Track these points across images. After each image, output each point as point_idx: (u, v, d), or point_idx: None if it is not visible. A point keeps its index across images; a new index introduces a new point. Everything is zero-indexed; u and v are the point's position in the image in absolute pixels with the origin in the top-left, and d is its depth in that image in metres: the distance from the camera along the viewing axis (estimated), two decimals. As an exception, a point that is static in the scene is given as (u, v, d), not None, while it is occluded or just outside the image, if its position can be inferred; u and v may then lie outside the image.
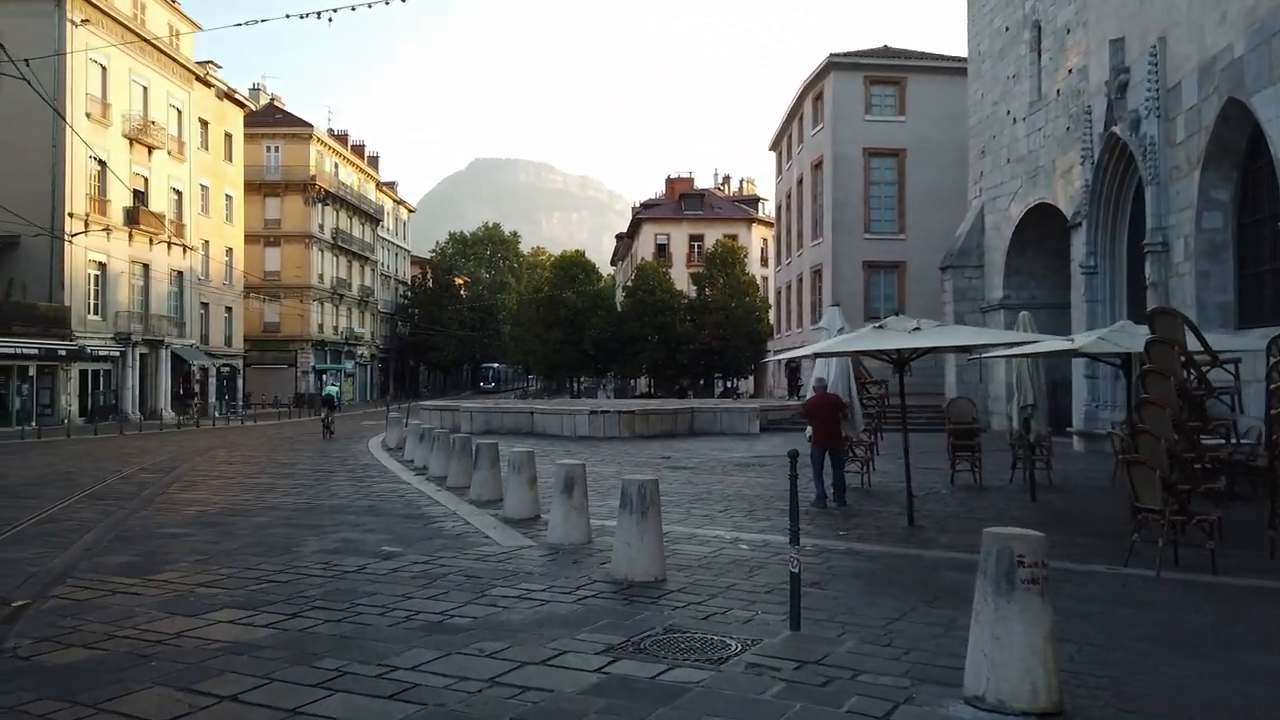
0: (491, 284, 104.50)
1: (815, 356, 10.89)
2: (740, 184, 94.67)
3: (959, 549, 8.14)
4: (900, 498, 12.13)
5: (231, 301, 52.89)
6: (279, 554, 7.73)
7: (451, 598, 6.05)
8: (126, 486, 13.53)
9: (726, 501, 11.44)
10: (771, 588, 6.37)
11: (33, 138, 35.38)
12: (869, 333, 9.04)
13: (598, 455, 19.09)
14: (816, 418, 11.64)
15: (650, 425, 25.02)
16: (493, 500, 10.88)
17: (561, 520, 7.95)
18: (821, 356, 11.52)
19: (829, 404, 11.57)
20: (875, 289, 40.31)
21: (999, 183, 27.48)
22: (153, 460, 18.89)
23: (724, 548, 8.00)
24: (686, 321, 57.66)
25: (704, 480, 14.22)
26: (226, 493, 12.53)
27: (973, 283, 29.08)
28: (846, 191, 39.59)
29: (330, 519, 9.74)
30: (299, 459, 18.90)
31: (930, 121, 39.00)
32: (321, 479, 14.25)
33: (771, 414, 27.73)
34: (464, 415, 26.78)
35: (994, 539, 3.87)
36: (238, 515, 10.15)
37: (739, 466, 17.04)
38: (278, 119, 64.34)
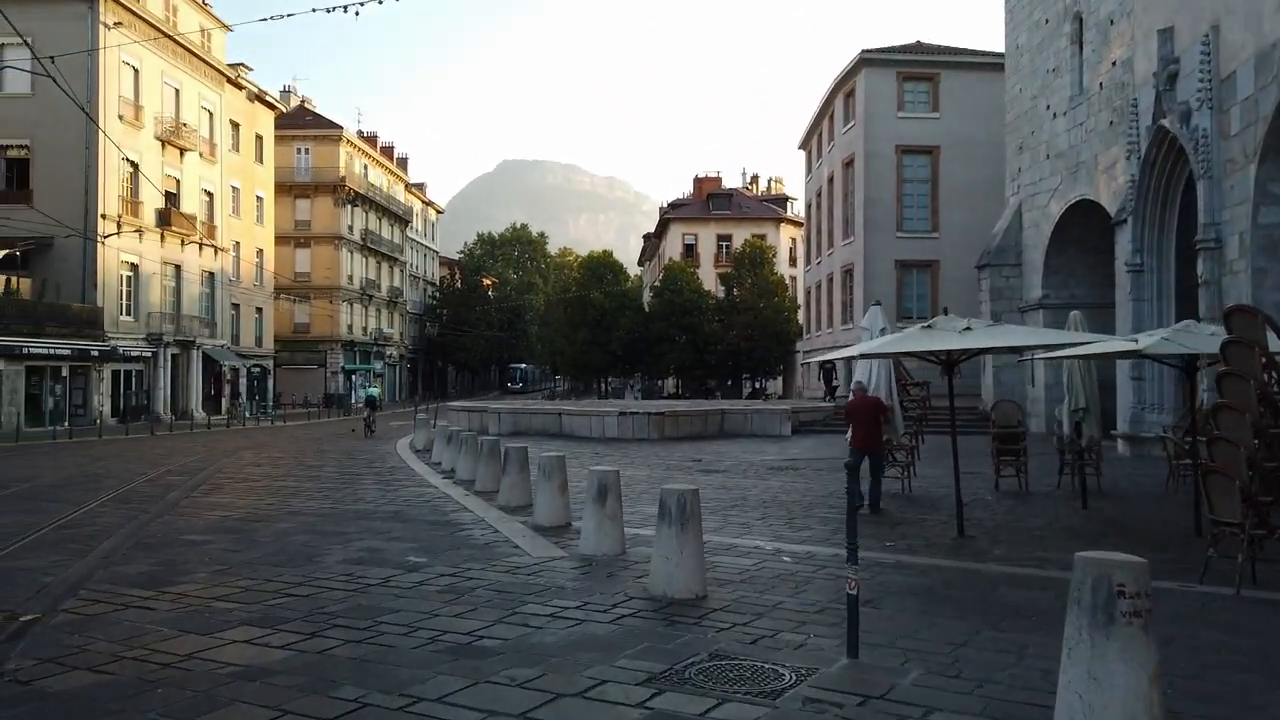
0: (519, 285, 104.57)
1: (861, 358, 10.42)
2: (768, 183, 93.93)
3: (1016, 563, 7.66)
4: (944, 504, 11.66)
5: (262, 302, 53.15)
6: (300, 564, 7.42)
7: (480, 615, 5.69)
8: (152, 489, 13.35)
9: (763, 508, 11.00)
10: (821, 606, 5.94)
11: (66, 140, 35.64)
12: (917, 333, 8.58)
13: (627, 458, 18.72)
14: (856, 420, 11.22)
15: (680, 427, 24.60)
16: (522, 506, 10.53)
17: (594, 530, 7.57)
18: (864, 357, 11.05)
19: (869, 406, 11.13)
20: (908, 288, 39.61)
21: (1038, 179, 26.77)
22: (181, 462, 18.78)
23: (766, 560, 7.57)
24: (714, 322, 57.16)
25: (738, 485, 13.79)
26: (251, 496, 12.29)
27: (1010, 282, 28.38)
28: (879, 189, 38.92)
29: (355, 525, 9.44)
30: (326, 461, 18.70)
31: (965, 118, 38.23)
32: (348, 482, 13.99)
33: (803, 415, 27.19)
34: (492, 417, 26.52)
35: (1090, 565, 3.43)
36: (261, 520, 9.88)
37: (772, 470, 16.59)
38: (308, 121, 64.67)
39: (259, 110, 52.78)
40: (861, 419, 11.15)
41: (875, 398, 11.29)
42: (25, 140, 36.84)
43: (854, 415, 11.28)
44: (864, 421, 11.10)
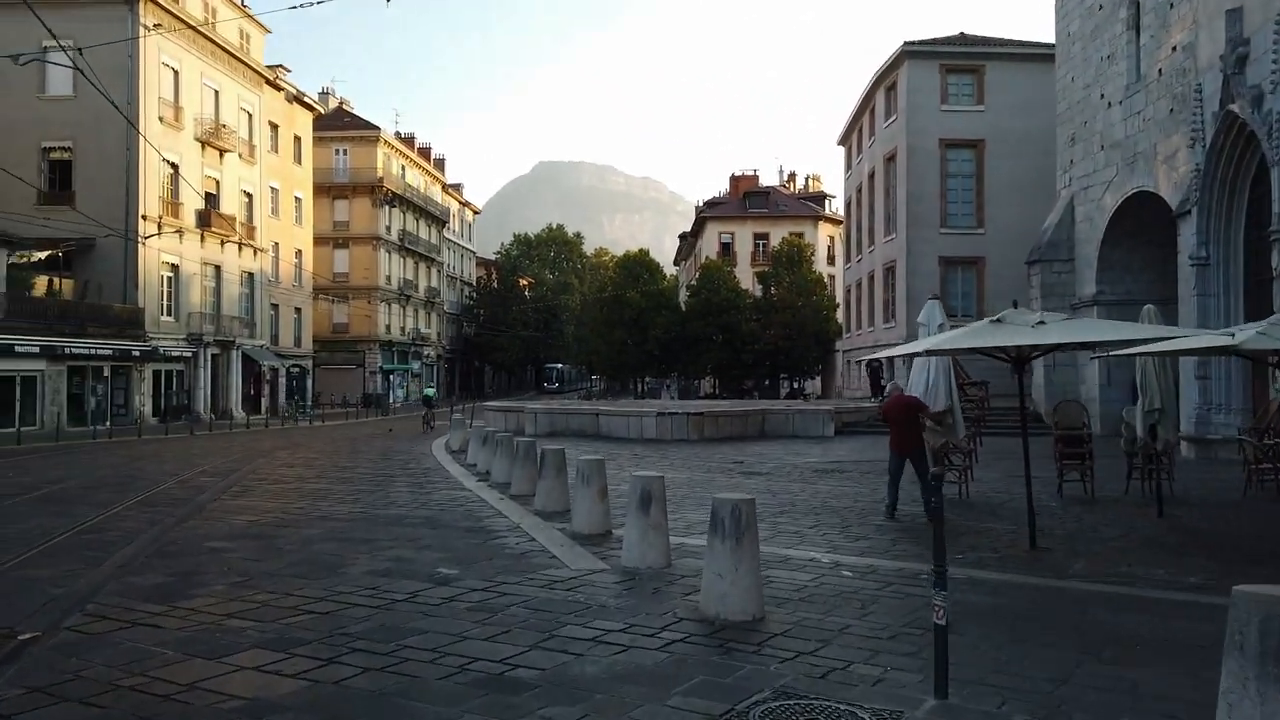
0: (555, 285, 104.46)
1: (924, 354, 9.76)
2: (806, 181, 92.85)
3: (1101, 579, 6.97)
4: (1006, 511, 10.96)
5: (301, 302, 53.40)
6: (324, 575, 6.95)
7: (514, 639, 5.15)
8: (182, 491, 13.04)
9: (814, 515, 10.37)
10: (893, 631, 5.32)
11: (108, 142, 35.90)
12: (985, 327, 7.91)
13: (666, 460, 18.17)
14: (891, 421, 10.66)
15: (719, 428, 23.98)
16: (559, 512, 10.02)
17: (638, 540, 7.00)
18: (919, 355, 10.38)
19: (904, 406, 10.54)
20: (952, 286, 38.57)
21: (1091, 171, 25.75)
22: (215, 463, 18.56)
23: (824, 575, 6.96)
24: (752, 321, 56.39)
25: (784, 489, 13.16)
26: (281, 500, 11.92)
27: (1062, 278, 27.36)
28: (921, 184, 37.95)
29: (384, 532, 8.97)
30: (360, 462, 18.36)
31: (1011, 110, 37.17)
32: (381, 484, 13.59)
33: (846, 416, 26.42)
34: (528, 417, 26.09)
35: (1254, 603, 2.80)
36: (288, 526, 9.47)
37: (818, 473, 15.93)
38: (346, 122, 64.98)
39: (297, 111, 53.04)
40: (894, 419, 10.58)
41: (911, 397, 10.66)
42: (68, 142, 37.21)
43: (889, 416, 10.73)
44: (898, 421, 10.53)
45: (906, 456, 10.59)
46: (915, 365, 10.93)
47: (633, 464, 17.16)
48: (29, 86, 36.93)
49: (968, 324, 11.26)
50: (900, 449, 10.58)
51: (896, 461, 10.69)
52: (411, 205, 68.16)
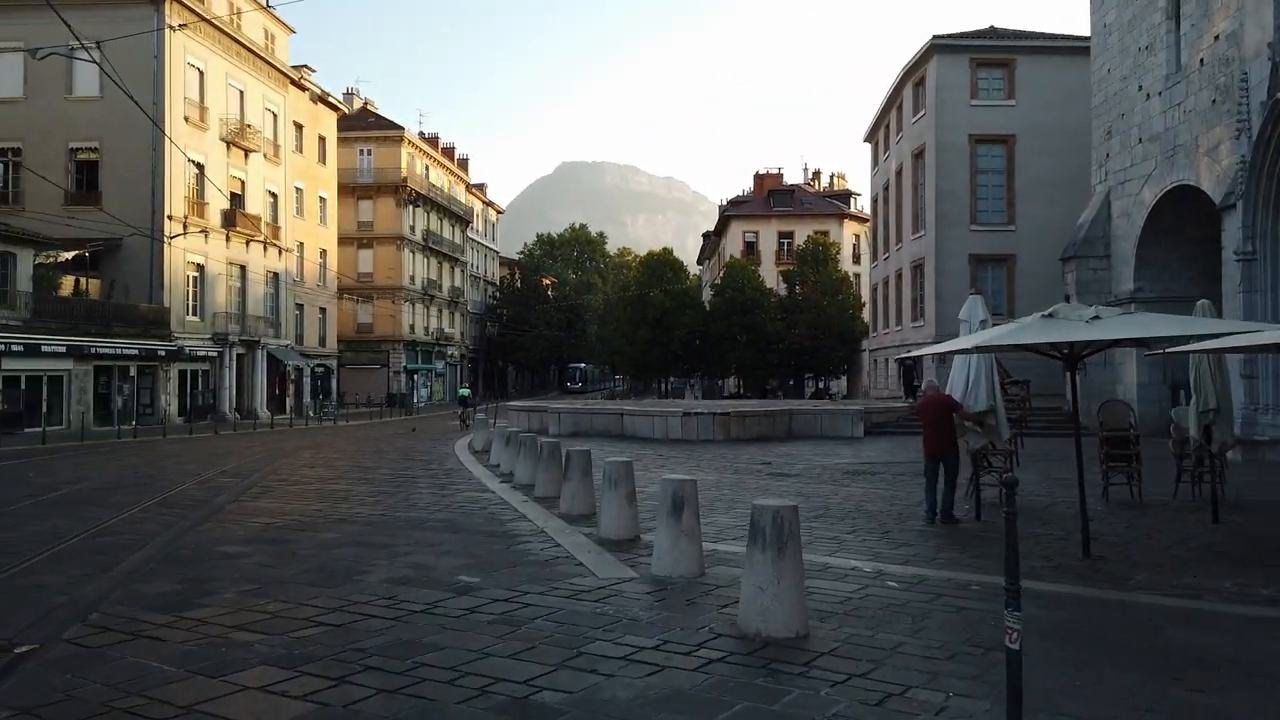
0: (578, 285, 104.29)
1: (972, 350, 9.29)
2: (831, 179, 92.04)
3: (1166, 591, 6.50)
4: (1050, 516, 10.49)
5: (325, 302, 53.50)
6: (339, 583, 6.62)
7: (539, 656, 4.78)
8: (201, 492, 12.82)
9: (850, 520, 9.94)
10: (951, 649, 4.90)
11: (134, 142, 35.95)
12: (1036, 323, 7.44)
13: (693, 460, 17.78)
14: (924, 421, 10.23)
15: (746, 428, 23.54)
16: (584, 515, 9.65)
17: (669, 548, 6.61)
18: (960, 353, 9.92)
19: (938, 405, 10.10)
20: (982, 284, 37.71)
21: (1128, 165, 25.05)
22: (237, 463, 18.38)
23: (868, 585, 6.53)
24: (777, 320, 55.83)
25: (816, 491, 12.72)
26: (300, 501, 11.64)
27: (1098, 275, 26.67)
28: (951, 181, 37.26)
29: (404, 536, 8.64)
30: (383, 462, 18.11)
31: (1042, 105, 36.43)
32: (402, 486, 13.29)
33: (876, 416, 25.88)
34: (551, 417, 25.78)
35: None
36: (306, 530, 9.16)
37: (849, 475, 15.47)
38: (370, 122, 65.09)
39: (322, 111, 53.13)
40: (928, 419, 10.13)
41: (946, 396, 10.21)
42: (95, 142, 37.36)
43: (923, 416, 10.29)
44: (931, 422, 10.09)
45: (938, 459, 10.20)
46: (954, 363, 10.47)
47: (659, 465, 16.78)
48: (57, 88, 37.18)
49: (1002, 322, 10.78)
50: (932, 450, 10.18)
51: (930, 464, 10.30)
52: (435, 205, 68.17)
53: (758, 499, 5.33)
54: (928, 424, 10.19)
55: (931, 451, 10.14)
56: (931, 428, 10.05)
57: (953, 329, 36.70)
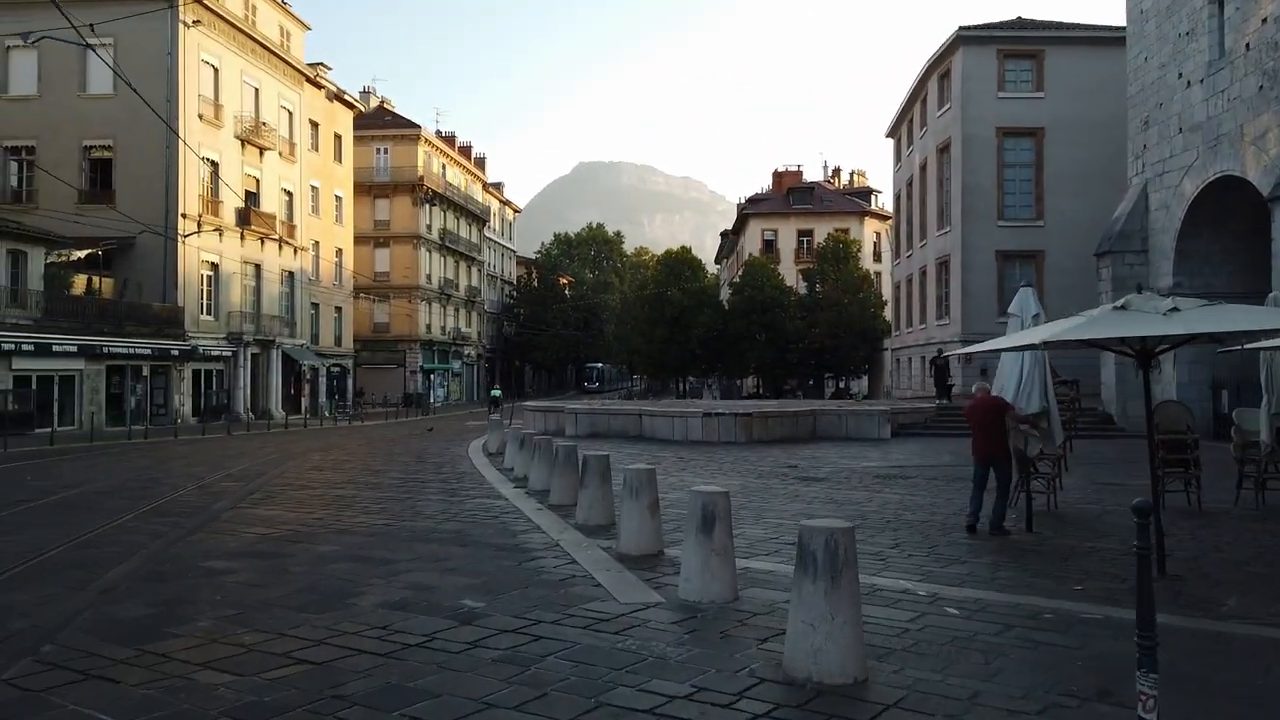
0: (595, 284, 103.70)
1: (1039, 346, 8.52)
2: (850, 176, 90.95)
3: (1263, 620, 5.71)
4: (1105, 526, 9.70)
5: (341, 302, 53.10)
6: (329, 607, 5.93)
7: (551, 708, 4.04)
8: (200, 498, 12.21)
9: (891, 531, 9.17)
10: (1043, 701, 4.10)
11: (148, 140, 35.53)
12: (1107, 316, 6.67)
13: (714, 464, 17.05)
14: (972, 424, 9.45)
15: (769, 429, 22.78)
16: (603, 526, 8.95)
17: (699, 570, 5.88)
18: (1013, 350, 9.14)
19: (988, 407, 9.33)
20: (1010, 281, 36.79)
21: (1167, 156, 24.11)
22: (245, 465, 17.81)
23: (925, 613, 5.78)
24: (796, 319, 54.94)
25: (848, 498, 11.96)
26: (302, 508, 11.00)
27: (1135, 270, 25.69)
28: (977, 175, 36.32)
29: (407, 551, 7.95)
30: (393, 465, 17.49)
31: (1072, 97, 35.44)
32: (411, 492, 12.63)
33: (902, 417, 25.03)
34: (568, 417, 25.10)
35: None
36: (303, 541, 8.50)
37: (881, 479, 14.69)
38: (387, 121, 64.73)
39: (338, 109, 52.73)
40: (977, 422, 9.36)
41: (996, 398, 9.43)
42: (109, 140, 37.04)
43: (971, 418, 9.53)
44: (982, 425, 9.32)
45: (988, 464, 9.43)
46: (1004, 362, 9.69)
47: (679, 469, 16.07)
48: (70, 85, 36.90)
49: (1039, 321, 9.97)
50: (981, 455, 9.41)
51: (979, 470, 9.54)
52: (452, 204, 67.72)
53: (807, 520, 4.57)
54: (977, 427, 9.44)
55: (981, 455, 9.39)
56: (981, 430, 9.29)
57: (980, 327, 36.02)
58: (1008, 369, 9.58)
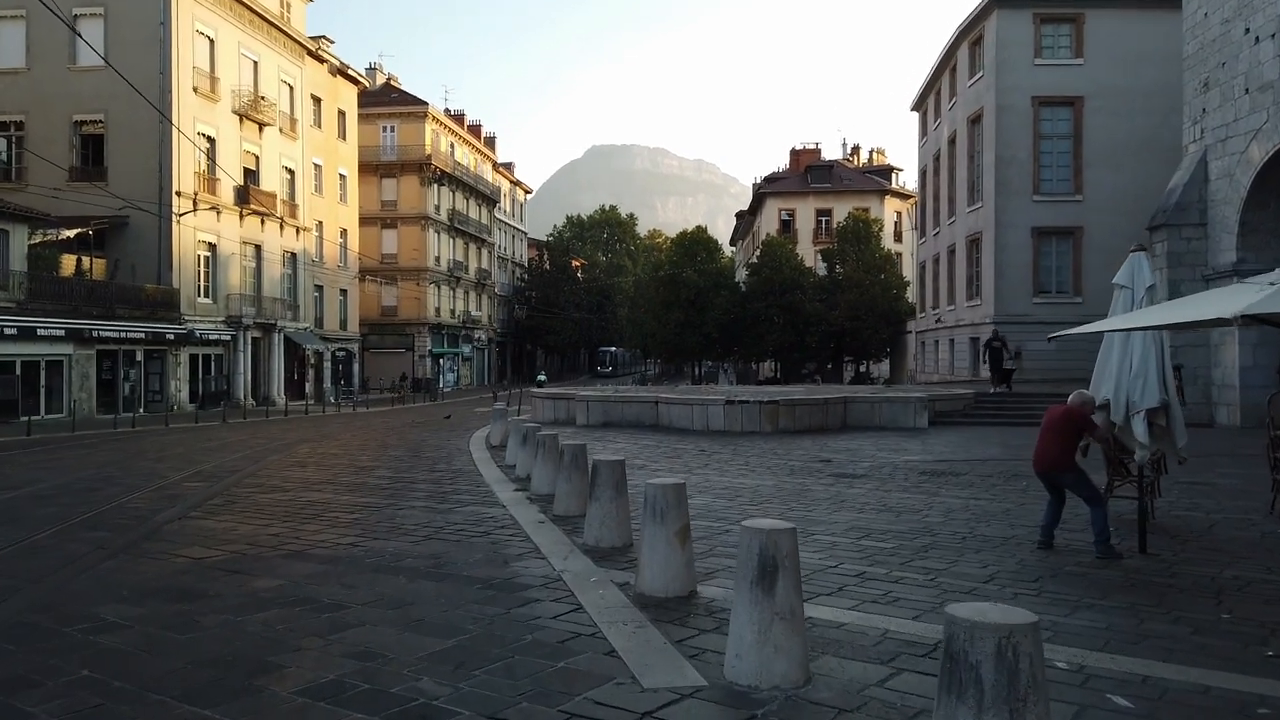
0: (608, 267, 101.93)
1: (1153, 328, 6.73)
2: (870, 154, 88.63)
3: None
4: (1229, 541, 7.93)
5: (346, 284, 51.49)
6: (229, 695, 4.13)
7: None
8: (150, 504, 10.56)
9: (974, 554, 7.42)
10: None
11: (141, 114, 33.81)
12: (1266, 291, 4.87)
13: (740, 457, 15.33)
14: (1042, 425, 7.85)
15: (796, 418, 21.01)
16: (617, 549, 7.23)
17: (755, 641, 4.09)
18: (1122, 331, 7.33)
19: (1058, 415, 7.71)
20: (1046, 259, 34.92)
21: (1232, 119, 22.10)
22: (222, 460, 16.21)
23: (1086, 705, 4.03)
24: (816, 301, 53.02)
25: (902, 503, 10.23)
26: (260, 519, 9.31)
27: (1192, 245, 23.75)
28: (1012, 147, 34.26)
29: (367, 588, 6.19)
30: (385, 460, 15.84)
31: (1113, 63, 33.33)
32: (395, 496, 10.94)
33: (940, 404, 23.20)
34: (579, 405, 23.40)
35: None
36: (241, 571, 6.79)
37: (930, 478, 12.95)
38: (393, 98, 62.93)
39: (341, 85, 50.94)
40: (1047, 425, 7.75)
41: (1079, 412, 7.67)
42: (100, 115, 35.43)
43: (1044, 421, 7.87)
44: (1049, 429, 7.69)
45: (1047, 479, 7.80)
46: (1108, 346, 7.88)
47: (702, 463, 14.35)
48: (60, 57, 35.29)
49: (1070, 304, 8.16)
50: (1038, 463, 7.76)
51: (1047, 483, 7.90)
52: (461, 184, 65.93)
53: (953, 608, 2.80)
54: (1045, 430, 7.75)
55: (1037, 465, 7.73)
56: (1048, 436, 7.62)
57: (1016, 308, 34.05)
58: (1114, 357, 7.76)
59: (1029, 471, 13.89)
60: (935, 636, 4.90)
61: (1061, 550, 7.60)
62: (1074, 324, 35.63)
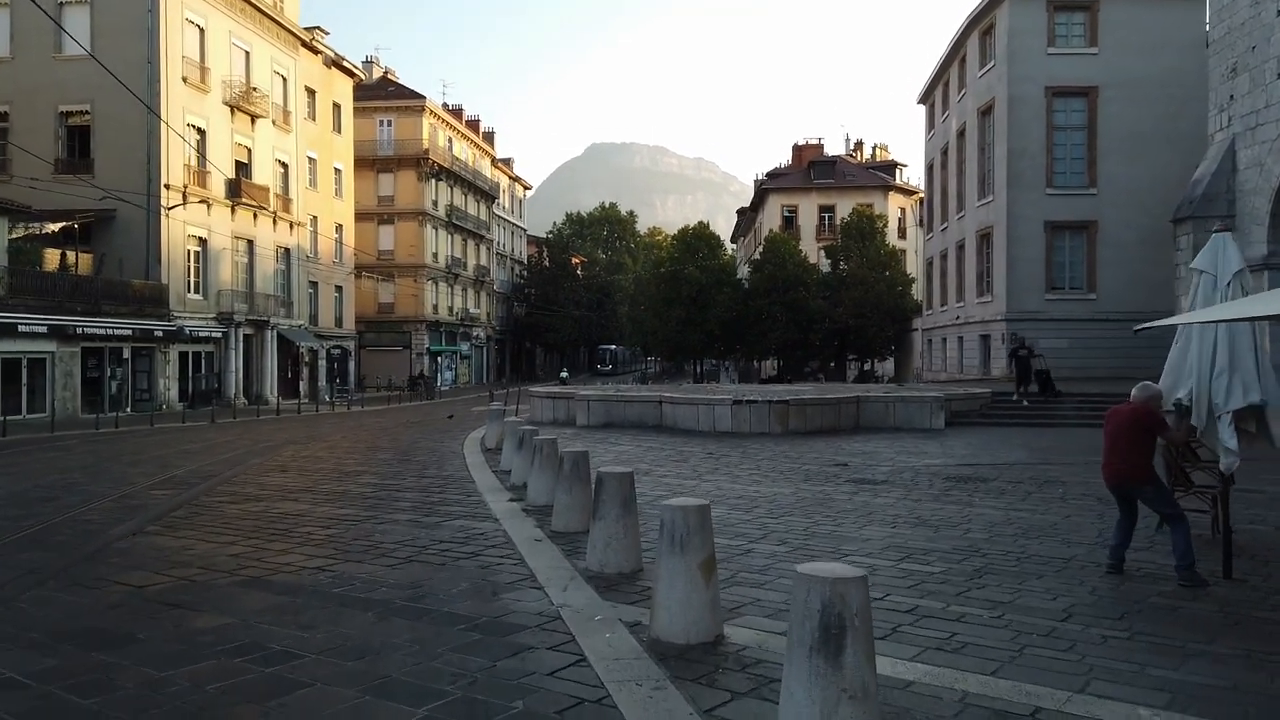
0: (608, 265, 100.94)
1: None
2: (873, 150, 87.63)
3: None
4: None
5: (342, 280, 50.46)
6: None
7: None
8: (107, 515, 9.56)
9: (1038, 580, 6.44)
10: None
11: (129, 105, 32.78)
12: None
13: (750, 461, 14.36)
14: (1106, 432, 6.87)
15: (807, 419, 20.04)
16: (624, 576, 6.25)
17: None
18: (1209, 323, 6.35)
19: (1125, 417, 6.73)
20: (1059, 254, 33.92)
21: (1262, 106, 21.12)
22: (200, 463, 15.22)
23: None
24: (820, 298, 52.02)
25: (936, 515, 9.26)
26: (224, 535, 8.31)
27: (1219, 238, 22.68)
28: (1024, 139, 33.27)
29: (325, 630, 5.16)
30: (372, 464, 14.85)
31: (1129, 52, 32.36)
32: (377, 507, 9.94)
33: (957, 404, 22.21)
34: (580, 405, 22.41)
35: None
36: (182, 606, 5.76)
37: (958, 485, 12.00)
38: (390, 92, 61.90)
39: (336, 77, 49.88)
40: (1113, 431, 6.74)
41: (1145, 409, 6.66)
42: (86, 105, 34.41)
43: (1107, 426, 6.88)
44: (1117, 435, 6.70)
45: (1121, 493, 6.81)
46: (1184, 340, 6.90)
47: (711, 468, 13.38)
48: (45, 45, 34.24)
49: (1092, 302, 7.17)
50: (1113, 475, 6.76)
51: (1119, 496, 6.89)
52: (459, 179, 64.88)
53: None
54: (1111, 438, 6.75)
55: (1109, 476, 6.76)
56: (1117, 444, 6.63)
57: (1028, 304, 33.00)
58: (1190, 349, 6.78)
59: (1062, 476, 12.98)
60: (1027, 701, 3.90)
61: (1134, 575, 6.63)
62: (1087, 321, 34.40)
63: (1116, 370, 30.36)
